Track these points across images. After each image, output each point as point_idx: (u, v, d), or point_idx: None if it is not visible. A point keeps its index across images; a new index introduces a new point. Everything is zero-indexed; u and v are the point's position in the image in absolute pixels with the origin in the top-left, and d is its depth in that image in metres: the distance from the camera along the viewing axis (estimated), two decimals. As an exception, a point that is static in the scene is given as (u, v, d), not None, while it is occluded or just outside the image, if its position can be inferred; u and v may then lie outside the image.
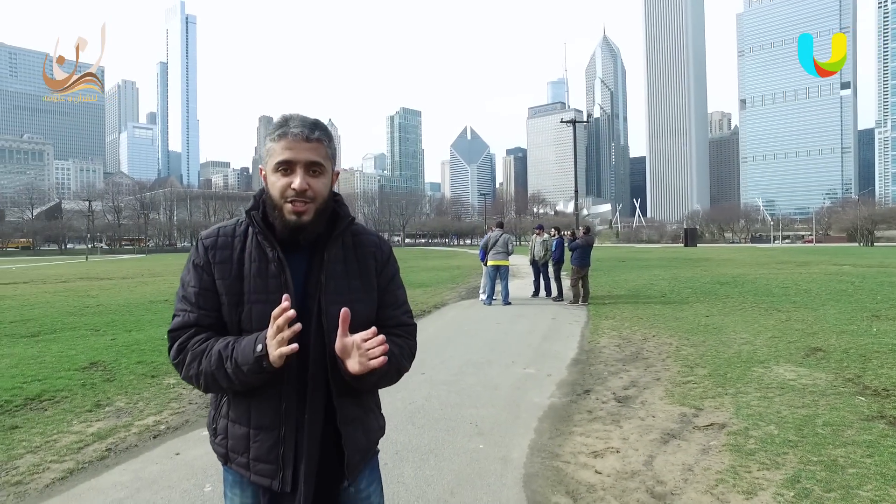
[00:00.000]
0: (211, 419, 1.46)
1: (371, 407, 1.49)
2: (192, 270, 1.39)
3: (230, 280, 1.36)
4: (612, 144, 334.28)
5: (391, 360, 1.34)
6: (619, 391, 5.19)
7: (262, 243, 1.37)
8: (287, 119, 1.37)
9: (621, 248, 64.28)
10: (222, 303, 1.36)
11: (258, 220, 1.37)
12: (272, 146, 1.36)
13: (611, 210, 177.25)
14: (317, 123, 1.38)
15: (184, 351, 1.35)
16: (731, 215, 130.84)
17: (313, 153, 1.34)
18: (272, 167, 1.35)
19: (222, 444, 1.40)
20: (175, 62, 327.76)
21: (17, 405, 4.77)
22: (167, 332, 1.41)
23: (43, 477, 3.40)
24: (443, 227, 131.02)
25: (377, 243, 1.51)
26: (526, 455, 3.71)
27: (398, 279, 1.54)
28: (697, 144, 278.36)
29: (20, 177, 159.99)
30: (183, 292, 1.40)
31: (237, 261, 1.37)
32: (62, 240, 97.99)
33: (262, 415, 1.33)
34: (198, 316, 1.37)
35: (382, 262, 1.49)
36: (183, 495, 3.11)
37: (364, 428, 1.43)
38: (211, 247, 1.38)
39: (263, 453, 1.33)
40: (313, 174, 1.35)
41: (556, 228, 14.22)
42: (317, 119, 1.39)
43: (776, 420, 4.22)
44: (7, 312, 10.98)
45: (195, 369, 1.32)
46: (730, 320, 9.07)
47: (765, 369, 5.81)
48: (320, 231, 1.38)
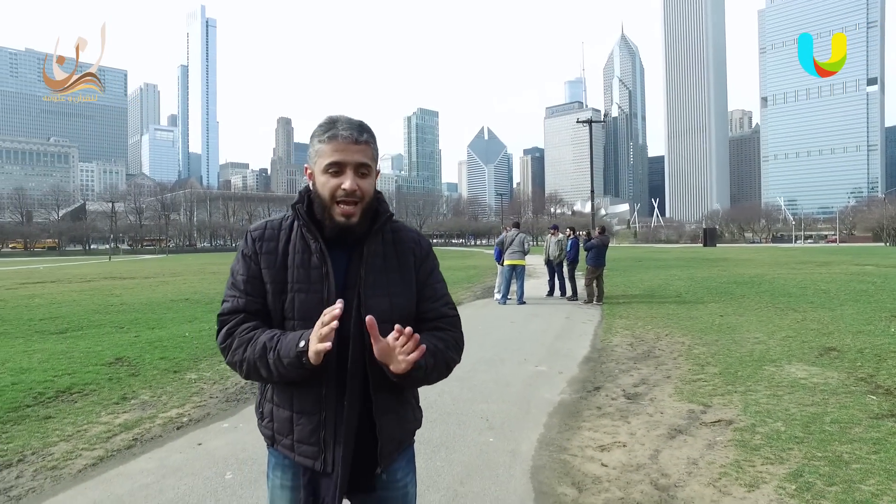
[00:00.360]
0: (258, 403, 1.54)
1: (408, 399, 1.53)
2: (241, 260, 1.47)
3: (275, 269, 1.43)
4: (631, 144, 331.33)
5: (437, 355, 1.39)
6: (629, 388, 5.26)
7: (305, 236, 1.44)
8: (335, 121, 1.42)
9: (639, 248, 63.78)
10: (267, 291, 1.44)
11: (303, 213, 1.45)
12: (322, 147, 1.41)
13: (629, 210, 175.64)
14: (363, 125, 1.44)
15: (231, 336, 1.42)
16: (751, 215, 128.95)
17: (362, 155, 1.40)
18: (322, 168, 1.41)
19: (268, 427, 1.48)
20: (195, 65, 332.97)
21: (49, 397, 5.00)
22: (217, 315, 1.48)
23: (76, 463, 3.60)
24: (460, 227, 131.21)
25: (416, 239, 1.56)
26: (534, 448, 3.81)
27: (438, 273, 1.58)
28: (717, 143, 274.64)
29: (47, 179, 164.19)
30: (232, 280, 1.48)
31: (282, 252, 1.45)
32: (86, 240, 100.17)
33: (304, 400, 1.40)
34: (246, 302, 1.44)
35: (421, 258, 1.54)
36: (205, 482, 3.28)
37: (399, 419, 1.48)
38: (258, 238, 1.47)
39: (306, 436, 1.40)
40: (362, 175, 1.41)
41: (572, 228, 14.26)
42: (362, 121, 1.45)
43: (784, 417, 4.27)
44: (37, 310, 11.37)
45: (240, 356, 1.39)
46: (744, 320, 9.05)
47: (776, 368, 5.83)
48: (364, 229, 1.44)
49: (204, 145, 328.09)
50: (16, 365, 6.20)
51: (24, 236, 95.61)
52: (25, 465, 3.60)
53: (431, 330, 1.47)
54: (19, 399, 4.92)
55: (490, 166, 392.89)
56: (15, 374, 5.76)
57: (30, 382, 5.43)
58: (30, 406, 4.77)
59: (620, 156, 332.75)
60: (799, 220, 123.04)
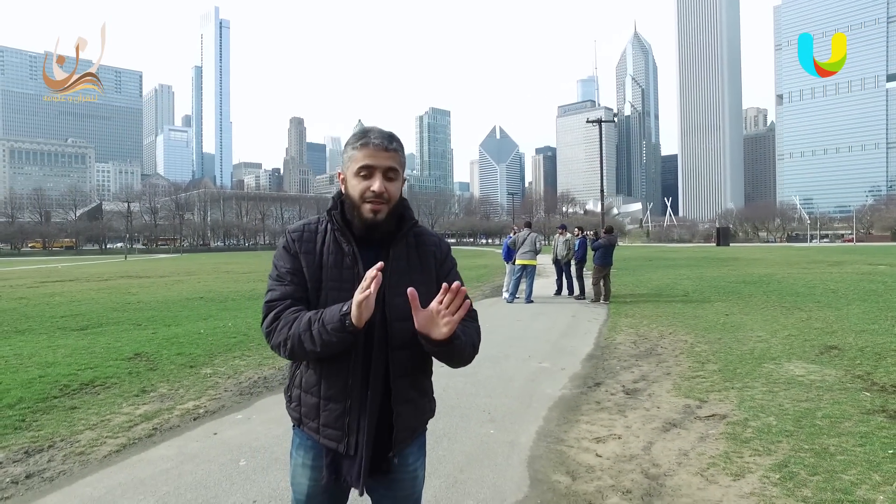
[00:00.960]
0: (287, 388, 1.68)
1: (425, 390, 1.66)
2: (285, 255, 1.59)
3: (312, 268, 1.56)
4: (643, 142, 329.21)
5: (466, 333, 1.52)
6: (629, 384, 5.42)
7: (339, 239, 1.57)
8: (368, 131, 1.56)
9: (650, 248, 63.52)
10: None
11: (338, 218, 1.58)
12: (354, 153, 1.55)
13: (641, 209, 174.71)
14: (393, 135, 1.57)
15: (278, 318, 1.52)
16: (766, 214, 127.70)
17: (391, 160, 1.54)
18: (353, 171, 1.54)
19: (296, 410, 1.62)
20: (209, 66, 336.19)
21: (74, 389, 5.28)
22: (263, 303, 1.59)
23: (101, 449, 3.85)
24: (471, 226, 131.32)
25: (437, 243, 1.71)
26: (533, 440, 3.99)
27: (455, 273, 1.70)
28: (731, 141, 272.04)
29: (64, 179, 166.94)
30: (277, 272, 1.59)
31: (319, 252, 1.58)
32: (102, 240, 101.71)
33: (331, 388, 1.53)
34: (292, 289, 1.55)
35: (441, 259, 1.68)
36: (221, 468, 3.50)
37: (416, 409, 1.60)
38: (297, 239, 1.60)
39: (332, 420, 1.53)
40: (389, 179, 1.54)
41: (580, 228, 14.38)
42: (392, 132, 1.58)
43: (777, 412, 4.40)
44: (58, 308, 11.74)
45: (285, 333, 1.48)
46: (749, 319, 9.14)
47: (775, 366, 5.94)
48: (391, 229, 1.57)
49: (217, 145, 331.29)
50: (42, 359, 6.50)
51: (42, 236, 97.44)
52: (55, 451, 3.85)
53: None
54: (47, 391, 5.19)
55: (502, 165, 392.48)
56: (41, 368, 6.05)
57: (55, 375, 5.71)
58: (57, 397, 5.04)
59: (633, 155, 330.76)
60: (815, 219, 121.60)
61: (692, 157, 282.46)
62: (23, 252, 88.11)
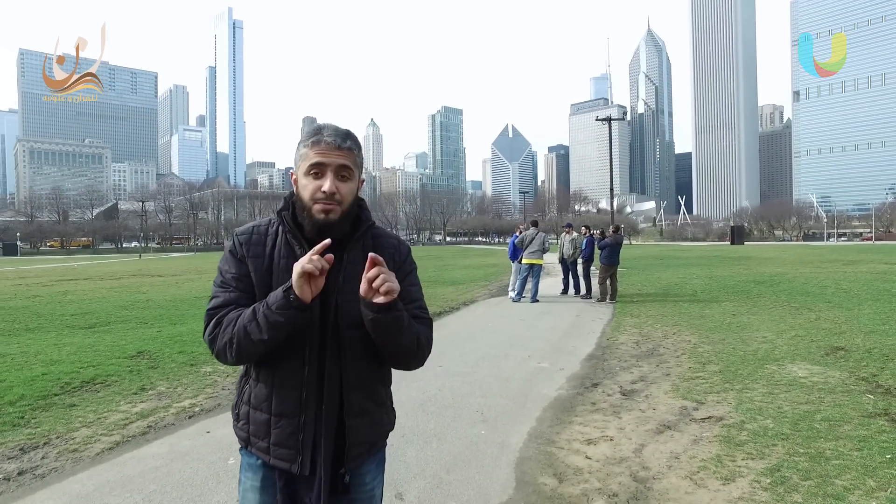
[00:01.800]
0: (234, 405, 1.56)
1: (383, 401, 1.56)
2: (231, 259, 1.51)
3: (261, 273, 1.47)
4: (657, 140, 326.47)
5: (411, 323, 1.44)
6: (627, 385, 5.37)
7: (290, 241, 1.47)
8: (321, 128, 1.47)
9: (662, 247, 62.97)
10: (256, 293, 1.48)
11: (288, 219, 1.49)
12: (306, 152, 1.45)
13: (655, 207, 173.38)
14: (348, 133, 1.48)
15: (220, 323, 1.43)
16: (782, 212, 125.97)
17: (343, 159, 1.44)
18: (304, 170, 1.45)
19: (244, 429, 1.49)
20: (223, 66, 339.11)
21: (74, 386, 5.34)
22: (206, 311, 1.48)
23: (94, 447, 3.89)
24: (483, 225, 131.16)
25: (396, 245, 1.60)
26: (523, 441, 3.96)
27: (413, 278, 1.60)
28: (747, 139, 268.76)
29: (82, 179, 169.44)
30: (221, 278, 1.50)
31: (268, 256, 1.48)
32: (118, 239, 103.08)
33: (283, 403, 1.42)
34: (237, 296, 1.46)
35: (399, 262, 1.56)
36: (209, 466, 3.52)
37: (372, 421, 1.50)
38: (245, 242, 1.50)
39: (284, 438, 1.42)
40: (342, 178, 1.44)
41: (587, 227, 14.29)
42: (348, 129, 1.49)
43: (774, 415, 4.33)
44: (69, 306, 11.91)
45: (229, 333, 1.40)
46: (756, 319, 9.01)
47: (778, 367, 5.85)
48: (345, 232, 1.47)
49: (231, 145, 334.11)
50: (47, 357, 6.60)
51: (60, 235, 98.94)
52: (50, 448, 3.90)
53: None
54: (48, 388, 5.26)
55: (514, 164, 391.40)
56: (45, 366, 6.13)
57: (58, 373, 5.79)
58: (57, 395, 5.10)
59: (647, 153, 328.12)
60: (832, 217, 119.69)
61: (706, 155, 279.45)
62: (41, 251, 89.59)
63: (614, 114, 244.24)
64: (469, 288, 15.76)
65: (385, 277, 1.33)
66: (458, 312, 11.04)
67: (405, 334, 1.43)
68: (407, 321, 1.43)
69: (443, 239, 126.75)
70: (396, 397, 1.71)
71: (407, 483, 3.28)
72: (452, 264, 29.08)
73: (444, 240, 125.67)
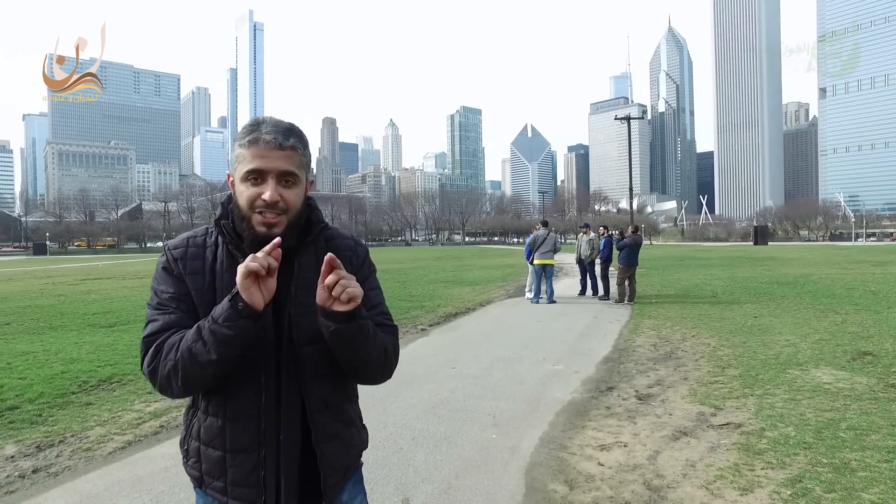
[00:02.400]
0: (182, 440, 1.37)
1: (352, 420, 1.41)
2: (165, 277, 1.30)
3: (202, 292, 1.28)
4: (678, 139, 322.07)
5: (375, 332, 1.30)
6: (643, 389, 5.25)
7: (233, 253, 1.29)
8: (259, 123, 1.28)
9: (683, 247, 62.04)
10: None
11: (229, 229, 1.31)
12: (242, 152, 1.26)
13: (676, 207, 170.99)
14: (291, 129, 1.29)
15: (160, 350, 1.23)
16: (807, 212, 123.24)
17: (286, 162, 1.25)
18: (241, 175, 1.26)
19: (195, 468, 1.31)
20: (244, 68, 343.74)
21: (92, 385, 5.42)
22: (141, 339, 1.28)
23: (107, 446, 3.92)
24: (502, 225, 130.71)
25: (352, 247, 1.43)
26: (535, 446, 3.89)
27: (373, 281, 1.45)
28: (771, 137, 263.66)
29: (107, 180, 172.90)
30: (158, 300, 1.29)
31: (209, 271, 1.30)
32: (142, 238, 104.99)
33: (239, 437, 1.25)
34: (178, 317, 1.26)
35: (357, 265, 1.41)
36: (219, 467, 3.52)
37: (343, 444, 1.36)
38: (181, 257, 1.31)
39: (242, 477, 1.25)
40: (286, 184, 1.26)
41: (605, 227, 14.12)
42: (291, 124, 1.30)
43: (796, 422, 4.19)
44: (92, 305, 12.13)
45: (172, 359, 1.21)
46: (779, 322, 8.78)
47: (801, 372, 5.68)
48: (292, 244, 1.29)
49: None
50: (67, 355, 6.71)
51: (87, 235, 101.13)
52: (65, 446, 3.94)
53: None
54: (66, 386, 5.34)
55: (534, 164, 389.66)
56: (65, 364, 6.24)
57: (77, 372, 5.87)
58: (74, 393, 5.18)
59: (668, 152, 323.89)
60: (860, 217, 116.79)
61: (729, 154, 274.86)
62: (69, 250, 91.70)
63: (634, 112, 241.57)
64: (486, 288, 15.68)
65: (345, 282, 1.18)
66: (474, 313, 10.97)
67: (371, 344, 1.28)
68: (372, 329, 1.29)
69: (462, 239, 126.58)
70: (408, 399, 1.63)
71: (415, 488, 3.23)
72: (470, 264, 29.01)
73: (464, 240, 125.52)
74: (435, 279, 18.57)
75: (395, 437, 4.02)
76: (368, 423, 1.53)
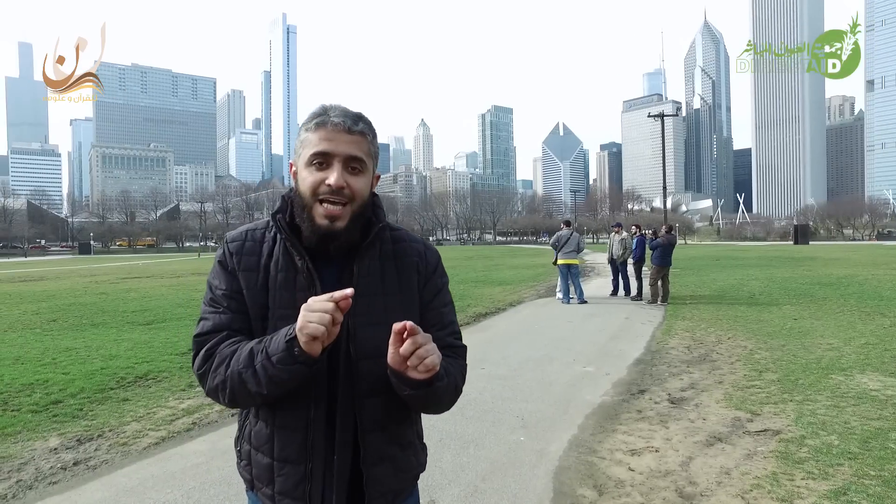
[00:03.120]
0: (236, 440, 1.33)
1: (410, 441, 1.30)
2: (221, 273, 1.25)
3: (255, 290, 1.21)
4: (714, 136, 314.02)
5: (449, 371, 1.21)
6: (676, 392, 5.12)
7: (290, 251, 1.21)
8: (327, 108, 1.22)
9: (719, 247, 60.43)
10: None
11: (284, 225, 1.22)
12: (307, 136, 1.20)
13: (712, 206, 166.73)
14: (360, 115, 1.23)
15: (211, 356, 1.19)
16: (852, 210, 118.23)
17: (354, 147, 1.19)
18: (306, 160, 1.19)
19: (247, 470, 1.27)
20: (277, 70, 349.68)
21: (129, 381, 5.57)
22: (192, 337, 1.24)
23: (142, 441, 4.03)
24: (534, 224, 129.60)
25: (421, 252, 1.32)
26: (563, 449, 3.82)
27: (445, 294, 1.34)
28: (812, 133, 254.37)
29: (147, 182, 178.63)
30: (211, 295, 1.25)
31: (263, 268, 1.23)
32: (180, 238, 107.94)
33: (287, 446, 1.20)
34: (230, 318, 1.21)
35: (427, 275, 1.30)
36: (249, 464, 3.57)
37: (395, 467, 1.25)
38: (236, 251, 1.25)
39: (289, 488, 1.20)
40: (353, 171, 1.19)
41: (637, 226, 13.85)
42: (360, 112, 1.24)
43: (840, 430, 4.01)
44: (131, 303, 12.52)
45: (222, 375, 1.16)
46: (820, 324, 8.45)
47: (845, 377, 5.44)
48: (354, 239, 1.22)
49: (285, 147, 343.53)
50: (107, 352, 6.93)
51: (128, 235, 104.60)
52: (103, 440, 4.06)
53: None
54: (105, 382, 5.52)
55: (565, 163, 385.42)
56: (104, 360, 6.44)
57: (115, 368, 6.06)
58: (112, 389, 5.34)
59: (703, 149, 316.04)
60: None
61: (767, 151, 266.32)
62: (111, 250, 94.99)
63: (668, 109, 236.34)
64: (516, 288, 15.57)
65: (423, 352, 1.07)
66: (504, 313, 10.90)
67: (445, 394, 1.20)
68: (447, 378, 1.19)
69: (493, 238, 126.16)
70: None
71: (441, 490, 3.21)
72: (501, 264, 28.87)
73: (495, 239, 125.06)
74: (465, 279, 18.54)
75: (421, 438, 4.01)
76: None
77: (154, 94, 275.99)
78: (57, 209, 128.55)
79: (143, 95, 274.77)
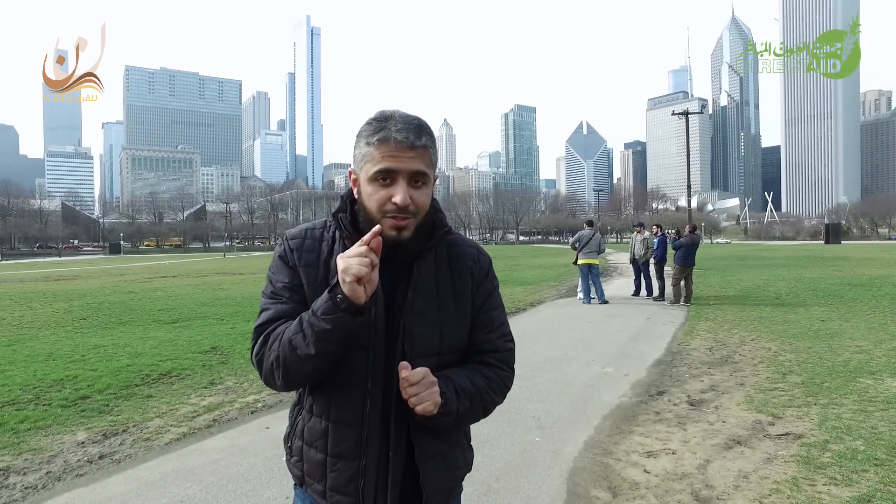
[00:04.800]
0: (287, 436, 1.35)
1: (458, 440, 1.34)
2: (282, 267, 1.29)
3: (315, 286, 1.24)
4: (741, 134, 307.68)
5: (475, 398, 1.23)
6: (695, 394, 5.04)
7: (348, 248, 1.21)
8: (388, 118, 1.21)
9: (746, 246, 59.20)
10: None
11: (346, 224, 1.26)
12: (370, 151, 1.20)
13: (739, 205, 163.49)
14: (421, 126, 1.21)
15: (268, 340, 1.22)
16: (888, 208, 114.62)
17: (418, 162, 1.19)
18: (370, 176, 1.20)
19: (297, 466, 1.30)
20: (301, 72, 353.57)
21: (153, 378, 5.71)
22: (253, 328, 1.27)
23: (164, 437, 4.13)
24: (557, 224, 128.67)
25: (475, 256, 1.35)
26: (579, 450, 3.80)
27: (496, 298, 1.37)
28: (846, 129, 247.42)
29: (175, 183, 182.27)
30: (272, 288, 1.29)
31: (323, 265, 1.27)
32: (206, 238, 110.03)
33: (341, 442, 1.22)
34: (292, 308, 1.24)
35: (480, 278, 1.34)
36: (265, 462, 3.63)
37: (447, 465, 1.28)
38: (297, 248, 1.29)
39: (342, 484, 1.21)
40: (416, 185, 1.20)
41: (658, 226, 13.67)
42: (420, 120, 1.23)
43: (867, 436, 3.90)
44: (158, 302, 12.81)
45: (276, 350, 1.18)
46: (849, 326, 8.23)
47: (874, 381, 5.30)
48: (419, 246, 1.24)
49: (309, 148, 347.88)
50: (133, 350, 7.11)
51: (156, 235, 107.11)
52: (127, 435, 4.18)
53: (479, 364, 1.30)
54: (130, 379, 5.66)
55: (589, 161, 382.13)
56: (130, 358, 6.61)
57: (140, 365, 6.21)
58: (137, 386, 5.47)
59: (730, 147, 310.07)
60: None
61: (797, 148, 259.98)
62: (140, 250, 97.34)
63: (694, 107, 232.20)
64: (538, 288, 15.49)
65: (415, 400, 1.14)
66: (524, 313, 10.87)
67: (464, 421, 1.25)
68: (465, 409, 1.22)
69: (516, 238, 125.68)
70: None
71: (454, 489, 3.22)
72: (523, 264, 28.75)
73: (518, 239, 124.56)
74: (485, 279, 18.47)
75: (437, 437, 4.02)
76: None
77: (182, 97, 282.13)
78: (89, 210, 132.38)
79: (171, 98, 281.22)
